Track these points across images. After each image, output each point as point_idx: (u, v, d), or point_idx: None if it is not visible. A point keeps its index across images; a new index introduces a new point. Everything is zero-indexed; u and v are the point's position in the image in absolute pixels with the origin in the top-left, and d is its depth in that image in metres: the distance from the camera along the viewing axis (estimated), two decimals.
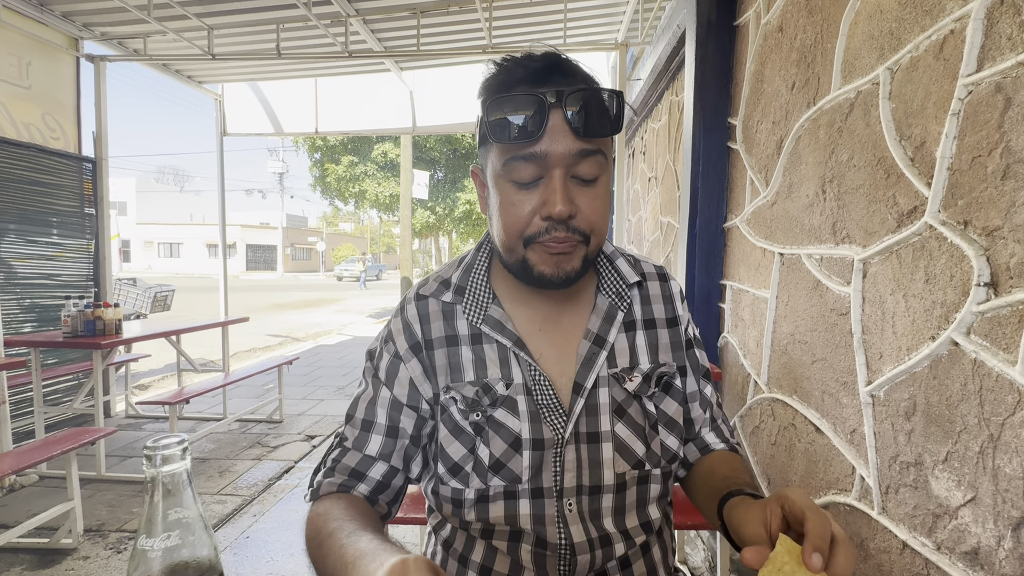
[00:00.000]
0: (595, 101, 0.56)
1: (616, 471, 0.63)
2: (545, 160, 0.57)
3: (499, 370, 0.64)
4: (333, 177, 10.34)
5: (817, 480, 1.25)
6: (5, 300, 3.09)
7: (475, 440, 0.63)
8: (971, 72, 0.79)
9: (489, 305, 0.67)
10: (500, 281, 0.70)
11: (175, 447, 0.36)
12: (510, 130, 0.56)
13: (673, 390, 0.69)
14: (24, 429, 3.13)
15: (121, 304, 2.90)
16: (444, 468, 0.64)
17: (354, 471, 0.64)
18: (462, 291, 0.68)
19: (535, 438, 0.62)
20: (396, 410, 0.66)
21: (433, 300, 0.69)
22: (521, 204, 0.59)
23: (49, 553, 2.04)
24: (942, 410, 0.85)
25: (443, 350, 0.66)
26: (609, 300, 0.69)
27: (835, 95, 1.19)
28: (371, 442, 0.65)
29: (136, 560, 0.35)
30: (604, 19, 3.67)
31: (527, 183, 0.58)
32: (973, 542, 0.78)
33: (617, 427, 0.64)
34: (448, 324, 0.67)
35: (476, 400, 0.63)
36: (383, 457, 0.64)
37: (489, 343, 0.66)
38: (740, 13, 1.82)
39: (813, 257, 1.28)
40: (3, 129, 3.12)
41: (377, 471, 0.64)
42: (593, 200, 0.59)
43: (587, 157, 0.57)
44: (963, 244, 0.80)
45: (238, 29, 3.50)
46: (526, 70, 0.58)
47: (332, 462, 0.65)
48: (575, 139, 0.56)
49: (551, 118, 0.55)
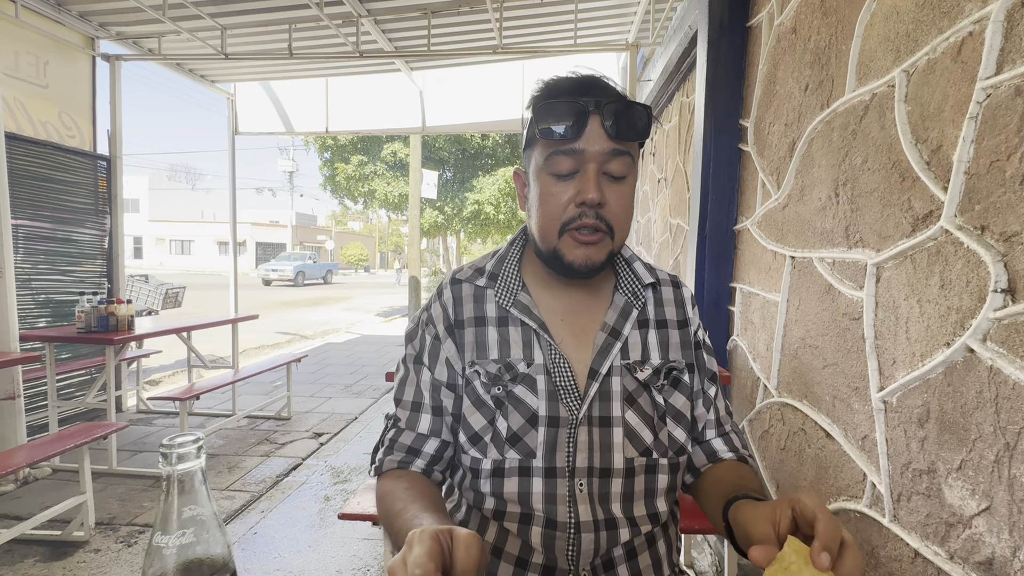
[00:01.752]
0: (626, 112, 0.65)
1: (625, 455, 0.68)
2: (582, 156, 0.65)
3: (522, 351, 0.71)
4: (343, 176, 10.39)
5: (827, 486, 1.24)
6: (21, 295, 3.14)
7: (495, 413, 0.69)
8: (990, 75, 0.78)
9: (519, 292, 0.74)
10: (530, 272, 0.77)
11: (191, 445, 0.36)
12: (554, 131, 0.65)
13: (681, 385, 0.74)
14: (38, 422, 3.18)
15: (133, 300, 2.94)
16: (465, 437, 0.70)
17: (410, 448, 0.71)
18: (495, 278, 0.76)
19: (551, 415, 0.68)
20: (437, 391, 0.73)
21: (467, 284, 0.76)
22: (559, 194, 0.67)
23: (61, 545, 2.07)
24: (956, 417, 0.83)
25: (472, 329, 0.73)
26: (625, 298, 0.75)
27: (849, 97, 1.18)
28: (421, 421, 0.72)
29: (151, 557, 0.35)
30: (615, 20, 3.66)
31: (565, 175, 0.67)
32: (988, 552, 0.76)
33: (627, 414, 0.69)
34: (478, 306, 0.74)
35: (498, 376, 0.70)
36: (434, 433, 0.72)
37: (515, 325, 0.73)
38: (753, 14, 1.80)
39: (825, 261, 1.27)
40: (21, 127, 3.18)
41: (430, 447, 0.71)
42: (620, 196, 0.68)
43: (618, 156, 0.66)
44: (980, 249, 0.79)
45: (251, 29, 3.53)
46: (570, 83, 0.68)
47: (390, 441, 0.73)
48: (608, 140, 0.65)
49: (589, 122, 0.65)
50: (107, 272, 3.76)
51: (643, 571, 0.70)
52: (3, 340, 2.51)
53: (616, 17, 3.62)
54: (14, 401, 2.55)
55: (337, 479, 2.80)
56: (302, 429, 3.61)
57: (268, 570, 1.98)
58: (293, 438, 3.42)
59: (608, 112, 0.64)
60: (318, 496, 2.59)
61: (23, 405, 2.61)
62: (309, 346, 7.31)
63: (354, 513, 1.48)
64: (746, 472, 0.71)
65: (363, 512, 1.48)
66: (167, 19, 3.19)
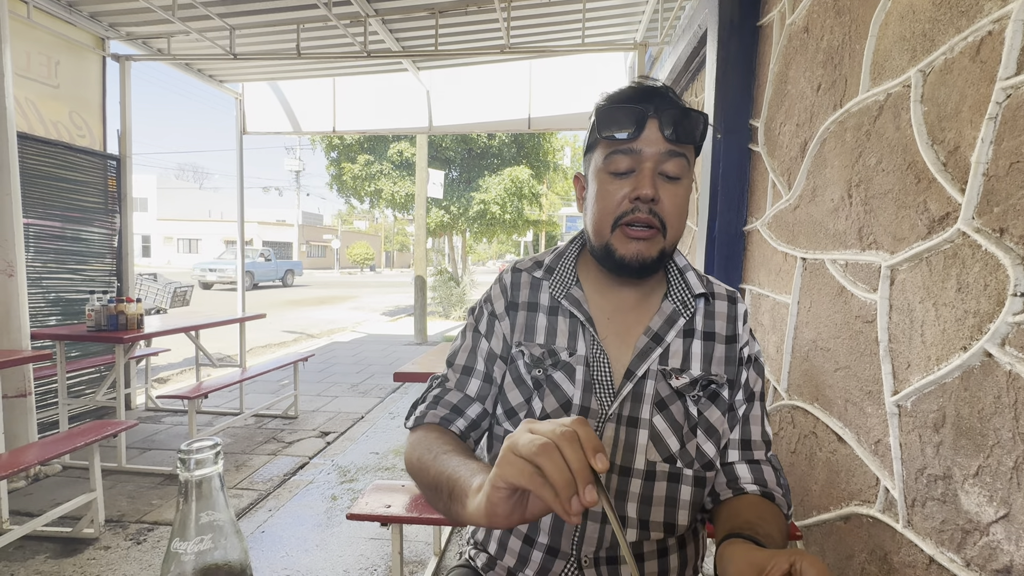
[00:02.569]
0: (684, 118, 0.67)
1: (648, 458, 0.69)
2: (639, 155, 0.68)
3: (566, 341, 0.74)
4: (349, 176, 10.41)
5: (839, 490, 1.22)
6: (32, 294, 3.17)
7: (532, 392, 0.73)
8: (1010, 75, 0.77)
9: (572, 286, 0.77)
10: (585, 269, 0.80)
11: (208, 451, 0.36)
12: (615, 131, 0.68)
13: (719, 400, 0.74)
14: (49, 419, 3.21)
15: (142, 299, 2.96)
16: (502, 410, 0.75)
17: (455, 407, 0.74)
18: (551, 271, 0.79)
19: (584, 405, 0.71)
20: (491, 361, 0.77)
21: (526, 274, 0.81)
22: (615, 191, 0.69)
23: (72, 542, 2.08)
24: (973, 423, 0.82)
25: (524, 313, 0.77)
26: (674, 306, 0.76)
27: (863, 97, 1.16)
28: (471, 384, 0.76)
29: (169, 563, 0.35)
30: (623, 19, 3.65)
31: (622, 173, 0.69)
32: (1006, 560, 0.75)
33: (656, 418, 0.70)
34: (533, 293, 0.79)
35: (541, 359, 0.73)
36: (480, 399, 0.76)
37: (564, 316, 0.76)
38: (764, 13, 1.79)
39: (837, 263, 1.26)
40: (32, 127, 3.20)
41: (474, 410, 0.75)
42: (674, 196, 0.69)
43: (673, 157, 0.68)
44: (999, 252, 0.78)
45: (259, 29, 3.54)
46: (634, 91, 0.71)
47: (434, 398, 0.75)
48: (665, 142, 0.67)
49: (648, 125, 0.67)
50: (116, 271, 3.78)
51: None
52: (15, 338, 2.54)
53: (624, 16, 3.60)
54: (25, 399, 2.57)
55: (344, 478, 2.81)
56: (309, 428, 3.62)
57: (276, 569, 1.98)
58: (300, 437, 3.43)
59: (666, 117, 0.67)
60: (325, 495, 2.60)
61: (34, 403, 2.63)
62: (316, 345, 7.34)
63: (362, 513, 1.48)
64: (768, 513, 0.67)
65: (371, 512, 1.48)
66: (176, 19, 3.21)
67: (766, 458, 0.74)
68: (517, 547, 0.72)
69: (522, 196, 10.42)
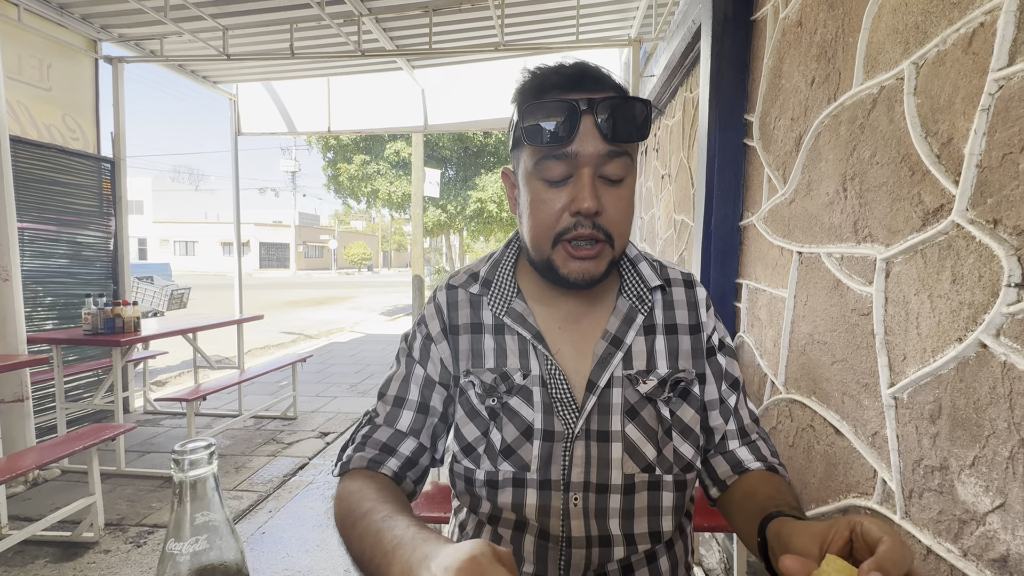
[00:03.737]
0: (623, 108, 0.59)
1: (624, 472, 0.64)
2: (575, 159, 0.60)
3: (518, 360, 0.67)
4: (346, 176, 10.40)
5: (836, 483, 1.23)
6: (28, 298, 3.16)
7: (489, 424, 0.66)
8: (1002, 66, 0.77)
9: (513, 299, 0.70)
10: (525, 278, 0.72)
11: (203, 452, 0.36)
12: (543, 134, 0.59)
13: (691, 397, 0.69)
14: (47, 424, 3.20)
15: (138, 302, 2.95)
16: (458, 447, 0.68)
17: (385, 445, 0.66)
18: (488, 284, 0.71)
19: (546, 429, 0.64)
20: (428, 388, 0.69)
21: (462, 290, 0.73)
22: (551, 201, 0.61)
23: (71, 546, 2.08)
24: (969, 413, 0.83)
25: (467, 336, 0.70)
26: (630, 303, 0.70)
27: (857, 90, 1.16)
28: (402, 417, 0.68)
29: (165, 564, 0.35)
30: (617, 15, 3.64)
31: (557, 181, 0.61)
32: (1002, 549, 0.76)
33: (628, 428, 0.65)
34: (474, 313, 0.71)
35: (493, 386, 0.66)
36: (413, 433, 0.68)
37: (511, 334, 0.69)
38: (757, 7, 1.79)
39: (833, 256, 1.26)
40: (25, 131, 3.19)
41: (407, 447, 0.67)
42: (619, 200, 0.62)
43: (615, 158, 0.60)
44: (993, 243, 0.78)
45: (252, 29, 3.53)
46: (560, 76, 0.62)
47: (363, 438, 0.67)
48: (603, 142, 0.59)
49: (582, 123, 0.58)
50: (112, 274, 3.77)
51: None
52: (11, 343, 2.53)
53: (618, 12, 3.60)
54: (23, 403, 2.57)
55: None
56: (308, 429, 3.62)
57: (276, 570, 1.99)
58: (299, 438, 3.43)
59: (603, 110, 0.58)
60: (325, 495, 2.60)
61: (31, 407, 2.63)
62: (314, 346, 7.34)
63: None
64: (780, 485, 0.65)
65: None
66: (169, 20, 3.19)
67: (758, 435, 0.73)
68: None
69: None
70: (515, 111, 0.64)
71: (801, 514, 0.57)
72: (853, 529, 0.44)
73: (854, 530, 0.44)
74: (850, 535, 0.44)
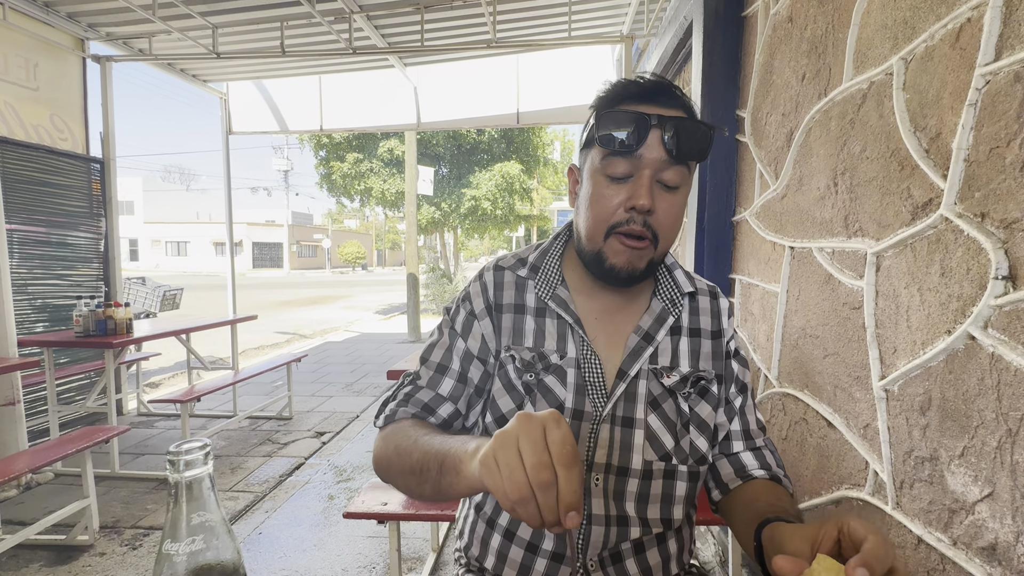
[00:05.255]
0: (689, 129, 0.64)
1: (645, 458, 0.69)
2: (639, 161, 0.66)
3: (556, 343, 0.73)
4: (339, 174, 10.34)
5: (829, 475, 1.24)
6: (18, 300, 3.13)
7: (524, 398, 0.70)
8: (989, 61, 0.78)
9: (557, 286, 0.75)
10: (570, 270, 0.78)
11: (198, 452, 0.36)
12: (615, 140, 0.65)
13: (708, 395, 0.74)
14: (39, 428, 3.18)
15: (130, 303, 2.93)
16: (492, 418, 0.72)
17: (427, 406, 0.72)
18: (536, 270, 0.77)
19: (577, 408, 0.69)
20: (468, 360, 0.74)
21: (509, 272, 0.78)
22: (611, 196, 0.67)
23: (66, 550, 2.07)
24: (958, 405, 0.84)
25: (510, 315, 0.75)
26: (663, 304, 0.76)
27: (847, 86, 1.17)
28: (444, 383, 0.73)
29: (161, 564, 0.35)
30: (609, 11, 3.64)
31: (619, 178, 0.67)
32: (991, 538, 0.77)
33: (650, 417, 0.70)
34: (519, 294, 0.76)
35: (531, 363, 0.71)
36: (452, 399, 0.73)
37: (551, 318, 0.74)
38: (748, 4, 1.79)
39: (825, 251, 1.27)
40: (12, 131, 3.15)
41: (445, 410, 0.72)
42: (671, 206, 0.68)
43: (674, 165, 0.66)
44: (980, 237, 0.79)
45: (243, 27, 3.50)
46: (637, 87, 0.68)
47: (405, 396, 0.73)
48: (666, 153, 0.65)
49: (650, 135, 0.64)
50: (104, 275, 3.74)
51: (652, 568, 0.70)
52: (1, 346, 2.50)
53: (610, 9, 3.60)
54: (14, 407, 2.54)
55: (340, 478, 2.80)
56: (304, 428, 3.61)
57: (274, 570, 1.98)
58: (295, 438, 3.43)
59: (670, 128, 0.64)
60: (322, 495, 2.60)
61: (23, 411, 2.60)
62: (309, 345, 7.31)
63: (358, 511, 1.48)
64: (782, 494, 0.69)
65: (368, 510, 1.48)
66: (157, 18, 3.16)
67: (764, 443, 0.77)
68: (519, 556, 0.70)
69: (513, 191, 10.41)
70: (592, 115, 0.69)
71: (799, 521, 0.58)
72: (841, 529, 0.47)
73: (841, 530, 0.46)
74: (838, 535, 0.47)
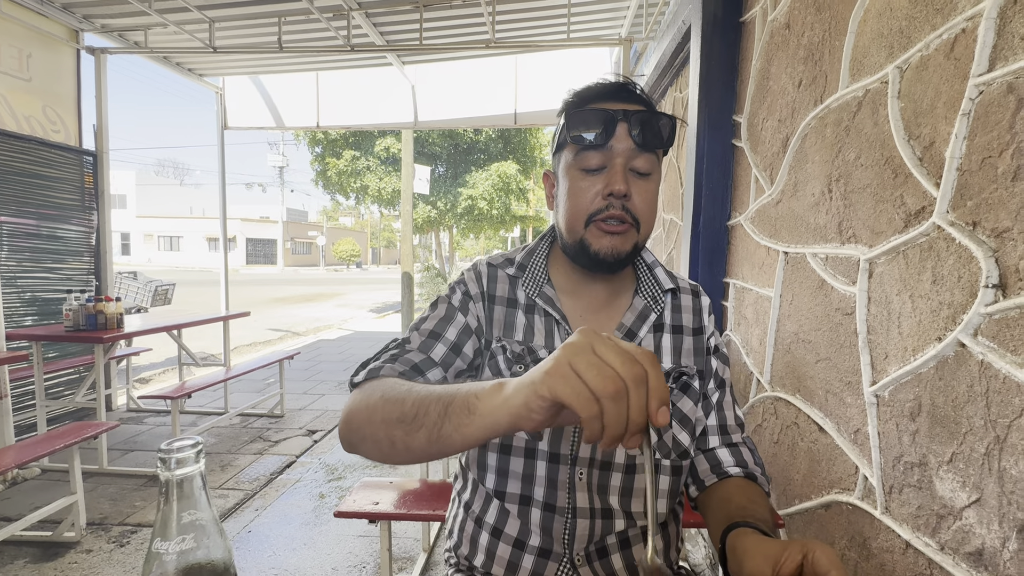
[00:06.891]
0: (652, 121, 0.68)
1: (628, 452, 0.70)
2: (610, 152, 0.69)
3: (544, 339, 0.75)
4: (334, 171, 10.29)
5: (819, 479, 1.25)
6: (7, 294, 3.09)
7: None
8: (982, 72, 0.79)
9: (544, 285, 0.78)
10: (556, 269, 0.81)
11: (189, 450, 0.36)
12: (584, 135, 0.69)
13: (691, 391, 0.76)
14: (26, 423, 3.14)
15: (122, 298, 2.89)
16: None
17: (416, 366, 0.68)
18: (523, 268, 0.79)
19: None
20: (465, 334, 0.74)
21: (500, 270, 0.80)
22: (588, 187, 0.70)
23: (52, 546, 2.05)
24: (948, 411, 0.85)
25: (502, 308, 0.77)
26: (645, 302, 0.78)
27: (843, 93, 1.18)
28: (436, 349, 0.71)
29: (151, 563, 0.35)
30: (608, 14, 3.65)
31: (593, 170, 0.70)
32: (978, 543, 0.78)
33: None
34: (511, 290, 0.78)
35: (521, 355, 0.73)
36: (443, 365, 0.70)
37: (539, 315, 0.77)
38: (746, 9, 1.80)
39: (818, 256, 1.28)
40: (4, 122, 3.11)
41: (435, 375, 0.69)
42: (645, 191, 0.71)
43: (643, 153, 0.70)
44: (972, 245, 0.80)
45: (239, 22, 3.48)
46: (601, 88, 0.72)
47: (391, 357, 0.69)
48: (634, 144, 0.68)
49: (618, 128, 0.68)
50: (95, 269, 3.70)
51: (639, 563, 0.71)
52: None
53: (609, 12, 3.61)
54: (1, 401, 2.51)
55: (331, 476, 2.79)
56: (295, 426, 3.59)
57: (263, 568, 1.97)
58: (286, 436, 3.41)
59: (635, 121, 0.68)
60: (313, 494, 2.58)
61: (10, 405, 2.57)
62: (302, 343, 7.27)
63: (349, 511, 1.48)
64: (755, 495, 0.70)
65: (358, 509, 1.48)
66: (153, 11, 3.13)
67: (743, 440, 0.78)
68: (507, 553, 0.72)
69: (509, 191, 10.41)
70: (561, 119, 0.72)
71: (767, 527, 0.60)
72: (805, 556, 0.47)
73: (806, 556, 0.47)
74: (802, 560, 0.47)
